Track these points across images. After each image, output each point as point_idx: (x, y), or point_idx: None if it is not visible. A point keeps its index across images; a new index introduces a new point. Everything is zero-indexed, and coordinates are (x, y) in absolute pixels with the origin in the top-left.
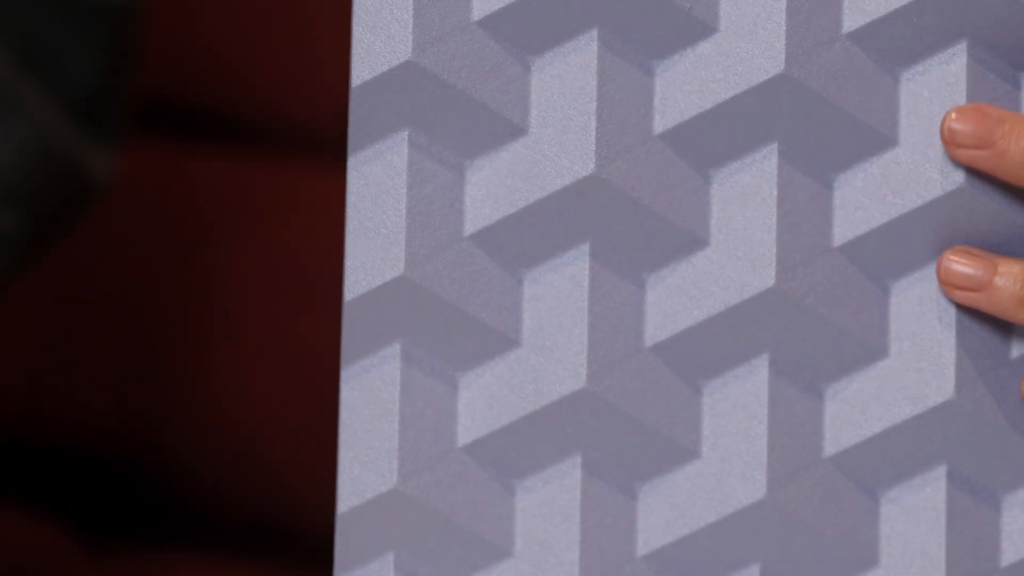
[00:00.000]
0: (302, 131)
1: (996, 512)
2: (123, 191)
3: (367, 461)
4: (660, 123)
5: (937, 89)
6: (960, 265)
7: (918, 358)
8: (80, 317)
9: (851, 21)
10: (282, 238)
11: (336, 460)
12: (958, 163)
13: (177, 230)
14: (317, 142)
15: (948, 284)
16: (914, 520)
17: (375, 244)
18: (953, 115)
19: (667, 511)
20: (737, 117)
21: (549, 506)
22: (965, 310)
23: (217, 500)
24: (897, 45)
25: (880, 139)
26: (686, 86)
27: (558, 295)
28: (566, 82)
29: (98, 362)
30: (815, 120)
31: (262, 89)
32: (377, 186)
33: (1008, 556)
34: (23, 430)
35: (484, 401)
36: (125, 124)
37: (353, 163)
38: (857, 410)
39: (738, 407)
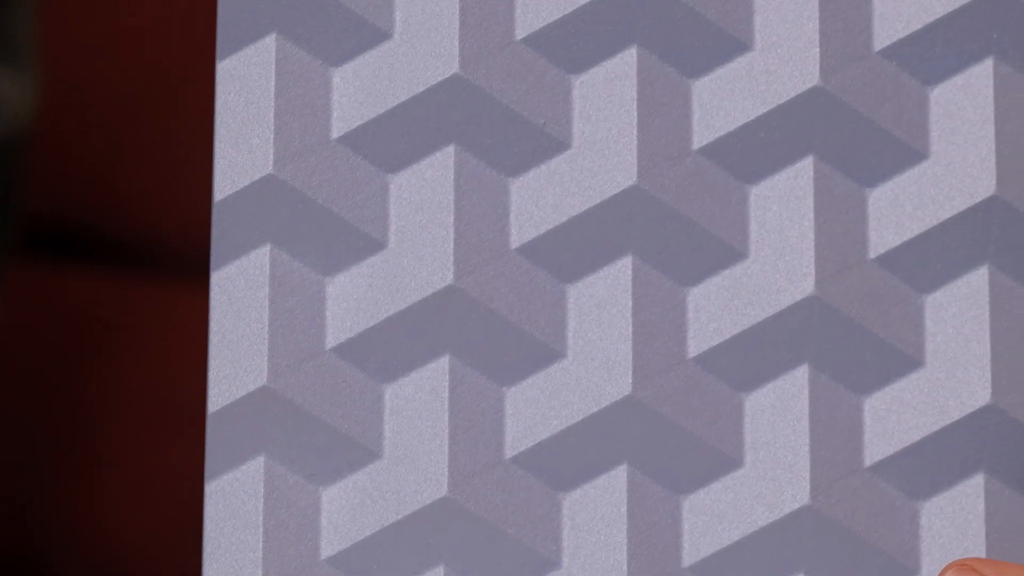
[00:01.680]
0: (172, 251)
1: None
2: None
3: (232, 573)
4: (517, 236)
5: (785, 203)
6: None
7: (773, 465)
8: None
9: (700, 136)
10: (153, 357)
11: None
12: (807, 273)
13: (46, 349)
14: (187, 262)
15: None
16: None
17: (238, 356)
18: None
19: None
20: (592, 229)
21: None
22: (818, 418)
23: None
24: (745, 159)
25: (730, 251)
26: (542, 200)
27: (419, 406)
28: (424, 197)
29: None
30: (668, 232)
31: (131, 209)
32: (240, 299)
33: None
34: None
35: (347, 512)
36: (10, 256)
37: (216, 277)
38: (715, 518)
39: (598, 517)
